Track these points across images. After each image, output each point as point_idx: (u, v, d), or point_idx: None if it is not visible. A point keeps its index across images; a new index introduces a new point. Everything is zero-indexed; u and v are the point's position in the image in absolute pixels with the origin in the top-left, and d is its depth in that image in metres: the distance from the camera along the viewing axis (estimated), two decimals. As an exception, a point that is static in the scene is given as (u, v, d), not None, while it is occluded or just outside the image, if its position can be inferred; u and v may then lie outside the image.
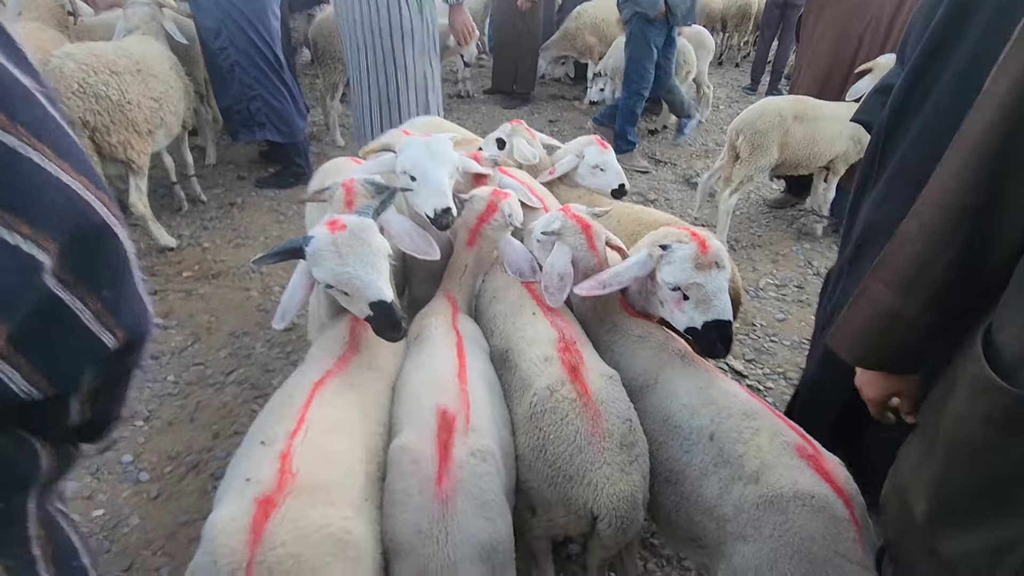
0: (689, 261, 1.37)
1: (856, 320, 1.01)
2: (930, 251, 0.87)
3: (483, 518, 1.08)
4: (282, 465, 1.04)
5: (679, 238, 1.43)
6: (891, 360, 0.99)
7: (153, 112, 3.02)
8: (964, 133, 0.83)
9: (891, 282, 0.93)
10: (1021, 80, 0.75)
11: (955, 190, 0.83)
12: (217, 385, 2.51)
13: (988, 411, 0.79)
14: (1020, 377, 0.76)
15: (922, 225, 0.89)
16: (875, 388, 1.04)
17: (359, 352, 1.39)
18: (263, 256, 1.37)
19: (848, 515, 1.06)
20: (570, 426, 1.21)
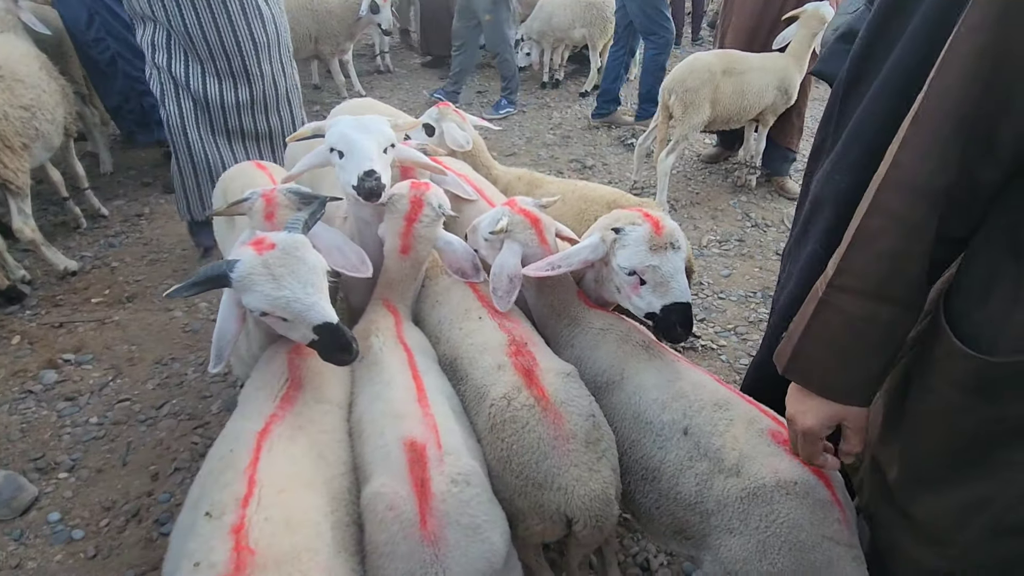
0: (644, 244, 1.32)
1: (818, 339, 0.88)
2: (905, 244, 0.79)
3: (478, 542, 1.03)
4: (236, 542, 0.91)
5: (632, 220, 1.37)
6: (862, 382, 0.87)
7: (25, 123, 2.63)
8: (928, 106, 0.76)
9: (859, 289, 0.82)
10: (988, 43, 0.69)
11: (926, 170, 0.76)
12: (148, 421, 2.29)
13: (955, 377, 0.79)
14: (983, 343, 0.76)
15: (892, 216, 0.79)
16: (816, 416, 0.90)
17: (302, 387, 1.26)
18: (178, 288, 1.19)
19: (830, 496, 1.05)
20: (532, 433, 1.16)
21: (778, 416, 1.18)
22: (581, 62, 5.85)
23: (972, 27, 0.71)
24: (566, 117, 5.27)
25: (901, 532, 0.90)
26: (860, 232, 0.83)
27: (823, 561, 1.02)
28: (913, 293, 0.81)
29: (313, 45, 4.73)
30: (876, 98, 1.18)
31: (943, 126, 0.74)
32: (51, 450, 2.17)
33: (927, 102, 0.76)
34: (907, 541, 0.89)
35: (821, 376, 0.89)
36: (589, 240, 1.41)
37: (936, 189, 0.75)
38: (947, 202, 0.76)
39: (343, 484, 1.15)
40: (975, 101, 0.71)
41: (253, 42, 2.50)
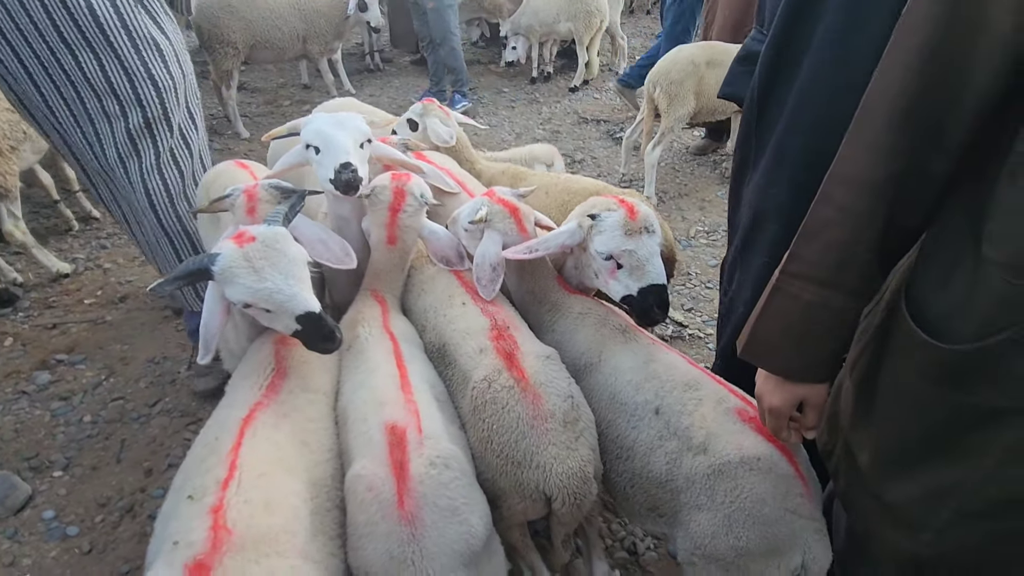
0: (619, 228, 1.36)
1: (772, 323, 0.91)
2: (853, 234, 0.80)
3: (456, 524, 1.05)
4: (214, 521, 0.94)
5: (607, 206, 1.41)
6: (818, 363, 0.91)
7: (12, 125, 2.65)
8: (873, 100, 0.77)
9: (810, 276, 0.85)
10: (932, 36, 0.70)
11: (871, 163, 0.77)
12: (142, 419, 2.32)
13: (919, 365, 0.80)
14: (944, 331, 0.76)
15: (839, 208, 0.81)
16: (780, 396, 0.95)
17: (287, 376, 1.29)
18: (161, 282, 1.22)
19: (793, 471, 1.09)
20: (511, 413, 1.20)
21: (746, 395, 1.22)
22: (571, 57, 5.86)
23: (914, 21, 0.72)
24: (555, 112, 5.29)
25: (875, 517, 0.92)
26: (810, 222, 0.85)
27: (787, 534, 1.06)
28: (863, 281, 0.83)
29: (302, 45, 4.75)
30: (797, 110, 1.21)
31: (888, 119, 0.75)
32: (45, 449, 2.20)
33: (871, 97, 0.77)
34: (881, 526, 0.91)
35: (777, 358, 0.93)
36: (567, 226, 1.44)
37: (882, 180, 0.77)
38: (895, 193, 0.77)
39: (326, 471, 1.18)
40: (919, 94, 0.72)
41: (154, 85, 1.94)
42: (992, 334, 0.71)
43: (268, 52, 4.61)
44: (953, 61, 0.69)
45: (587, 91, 5.74)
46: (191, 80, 2.15)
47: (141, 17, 1.89)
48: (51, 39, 1.77)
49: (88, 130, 1.93)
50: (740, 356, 0.97)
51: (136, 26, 1.87)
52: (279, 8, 4.48)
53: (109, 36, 1.82)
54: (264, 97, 5.61)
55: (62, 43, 1.78)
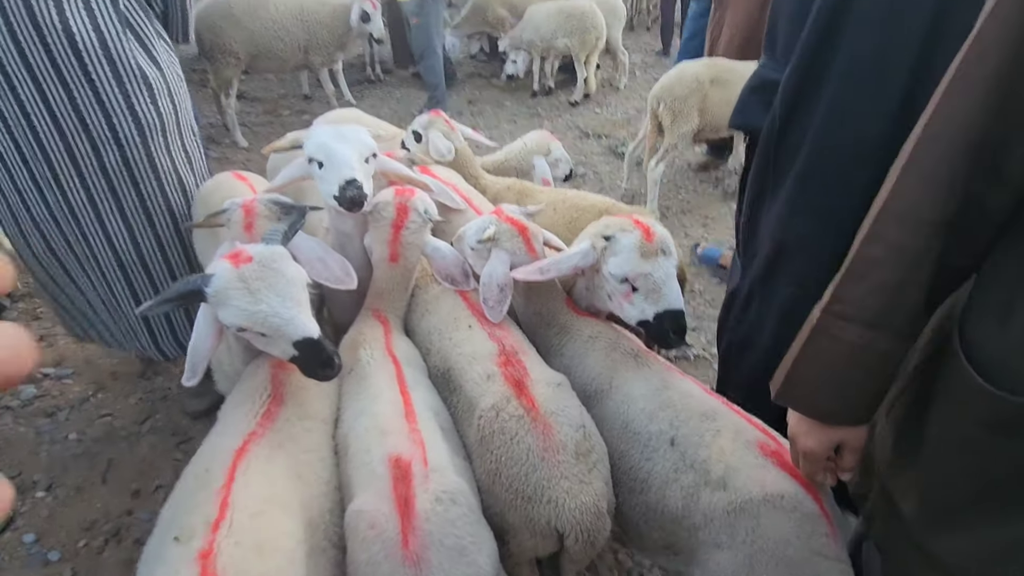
0: (635, 251, 1.31)
1: (813, 365, 0.88)
2: (902, 275, 0.77)
3: (463, 565, 0.99)
4: (203, 569, 0.88)
5: (622, 227, 1.35)
6: (862, 406, 0.87)
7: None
8: (933, 130, 0.74)
9: (856, 318, 0.81)
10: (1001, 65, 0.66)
11: (929, 198, 0.74)
12: (131, 437, 2.24)
13: (974, 411, 0.76)
14: (1003, 376, 0.72)
15: (891, 247, 0.78)
16: (817, 439, 0.91)
17: (284, 403, 1.22)
18: (151, 304, 1.16)
19: (819, 510, 1.03)
20: (520, 445, 1.14)
21: (767, 428, 1.16)
22: (572, 72, 5.87)
23: (983, 51, 0.69)
24: (557, 126, 5.28)
25: (919, 567, 0.86)
26: (858, 261, 0.82)
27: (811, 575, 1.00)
28: (910, 322, 0.80)
29: (303, 55, 4.73)
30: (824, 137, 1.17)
31: (948, 153, 0.72)
32: (28, 468, 2.12)
33: (931, 128, 0.74)
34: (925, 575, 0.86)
35: (815, 401, 0.89)
36: (580, 247, 1.39)
37: (939, 218, 0.73)
38: (950, 231, 0.74)
39: (323, 505, 1.11)
40: (985, 127, 0.69)
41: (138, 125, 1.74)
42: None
43: (269, 62, 4.58)
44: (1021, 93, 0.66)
45: (588, 106, 5.74)
46: (186, 114, 1.94)
47: (129, 45, 1.67)
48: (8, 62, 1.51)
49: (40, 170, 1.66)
50: (775, 399, 0.92)
51: (121, 55, 1.64)
52: (282, 18, 4.46)
53: (87, 64, 1.58)
54: (264, 106, 5.58)
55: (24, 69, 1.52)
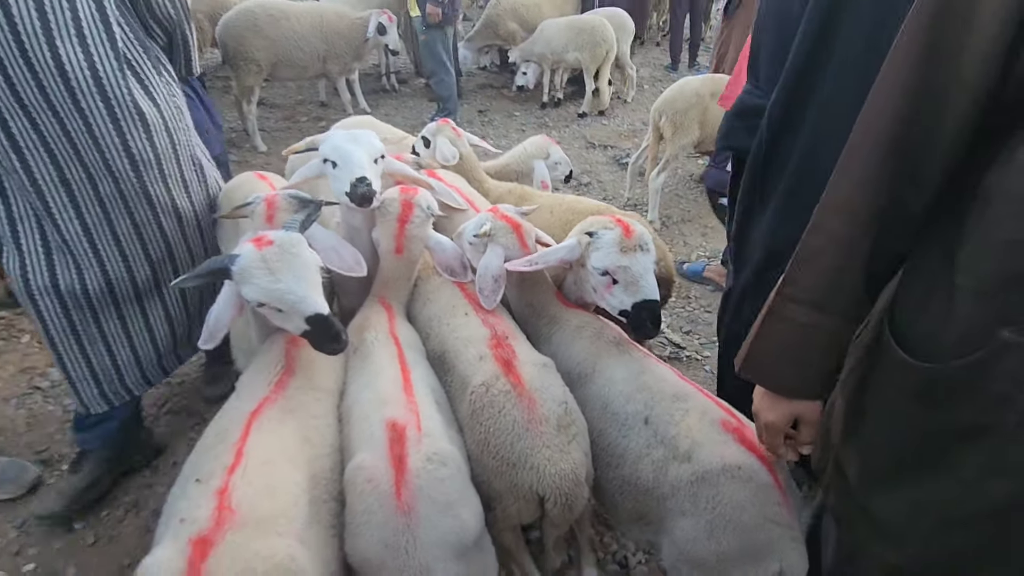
0: (615, 246, 1.44)
1: (769, 342, 0.97)
2: (842, 262, 0.86)
3: (449, 517, 1.10)
4: (219, 502, 1.01)
5: (604, 225, 1.49)
6: (811, 380, 0.95)
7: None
8: (859, 135, 0.83)
9: (804, 300, 0.90)
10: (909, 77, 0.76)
11: (859, 194, 0.83)
12: (150, 417, 2.38)
13: (901, 384, 0.85)
14: (924, 352, 0.81)
15: (831, 237, 0.87)
16: (776, 412, 0.99)
17: (295, 374, 1.36)
18: (184, 278, 1.30)
19: (772, 481, 1.14)
20: (507, 417, 1.26)
21: (731, 408, 1.28)
22: (581, 84, 6.04)
23: (895, 65, 0.79)
24: (564, 136, 5.43)
25: (863, 530, 0.96)
26: (803, 249, 0.91)
27: (764, 541, 1.11)
28: (853, 305, 0.89)
29: (322, 64, 4.92)
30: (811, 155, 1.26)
31: (871, 157, 0.81)
32: (55, 443, 2.26)
33: (857, 135, 0.83)
34: (869, 539, 0.94)
35: (772, 376, 0.98)
36: (566, 242, 1.53)
37: (869, 213, 0.83)
38: (880, 224, 0.83)
39: (325, 464, 1.24)
40: (898, 136, 0.78)
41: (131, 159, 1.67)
42: (966, 354, 0.76)
43: (289, 70, 4.78)
44: (928, 106, 0.76)
45: (595, 117, 5.90)
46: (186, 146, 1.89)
47: (126, 82, 1.62)
48: None
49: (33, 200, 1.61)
50: (738, 373, 1.02)
51: (117, 93, 1.60)
52: (302, 29, 4.67)
53: (79, 101, 1.54)
54: (282, 113, 5.79)
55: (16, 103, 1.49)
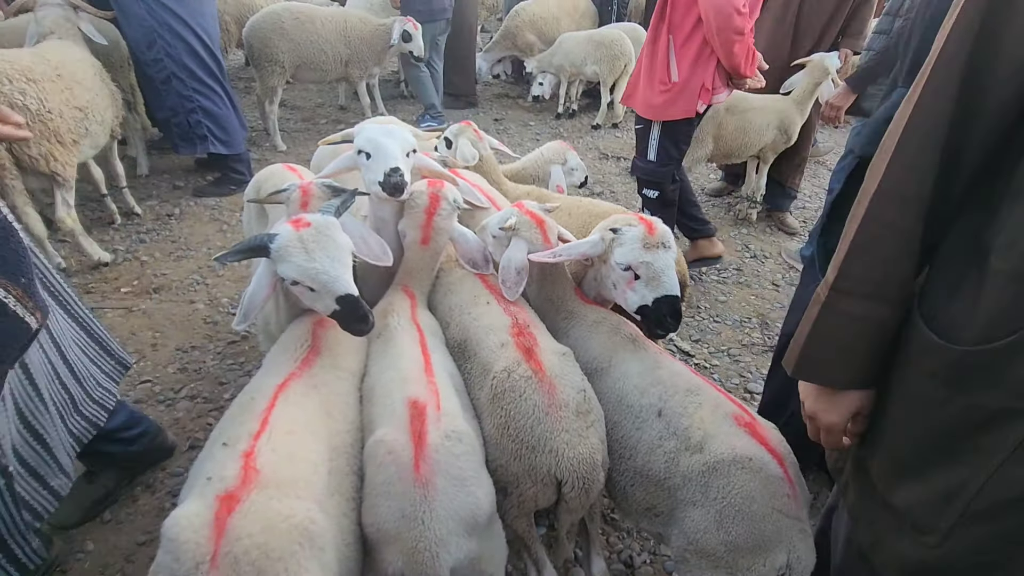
0: (638, 242, 1.48)
1: (825, 340, 0.95)
2: (897, 250, 0.87)
3: (463, 493, 1.14)
4: (245, 463, 1.05)
5: (628, 222, 1.53)
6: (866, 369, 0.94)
7: (77, 121, 2.87)
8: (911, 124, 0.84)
9: (859, 292, 0.91)
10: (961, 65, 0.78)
11: (911, 185, 0.84)
12: (168, 402, 2.44)
13: (930, 368, 0.86)
14: (956, 335, 0.82)
15: (886, 225, 0.87)
16: (837, 411, 0.97)
17: (321, 353, 1.40)
18: (226, 253, 1.36)
19: (782, 473, 1.17)
20: (528, 401, 1.29)
21: (741, 403, 1.31)
22: (596, 96, 6.12)
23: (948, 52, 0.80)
24: (577, 147, 5.50)
25: (883, 524, 0.94)
26: (858, 239, 0.90)
27: (773, 531, 1.13)
28: (904, 293, 0.90)
29: (343, 68, 5.03)
30: None
31: (924, 142, 0.82)
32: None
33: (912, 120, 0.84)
34: (889, 533, 0.93)
35: (830, 373, 0.97)
36: (590, 237, 1.57)
37: (922, 198, 0.84)
38: (930, 208, 0.84)
39: (346, 440, 1.28)
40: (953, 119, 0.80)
41: None
42: (999, 338, 0.76)
43: (312, 73, 4.88)
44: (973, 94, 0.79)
45: (609, 129, 5.97)
46: None
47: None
48: None
49: None
50: (793, 375, 1.00)
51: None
52: (326, 33, 4.78)
53: None
54: (302, 114, 5.90)
55: None
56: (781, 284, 3.54)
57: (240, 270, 3.21)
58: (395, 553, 1.09)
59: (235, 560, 0.91)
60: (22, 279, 0.61)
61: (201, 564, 0.91)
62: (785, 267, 3.73)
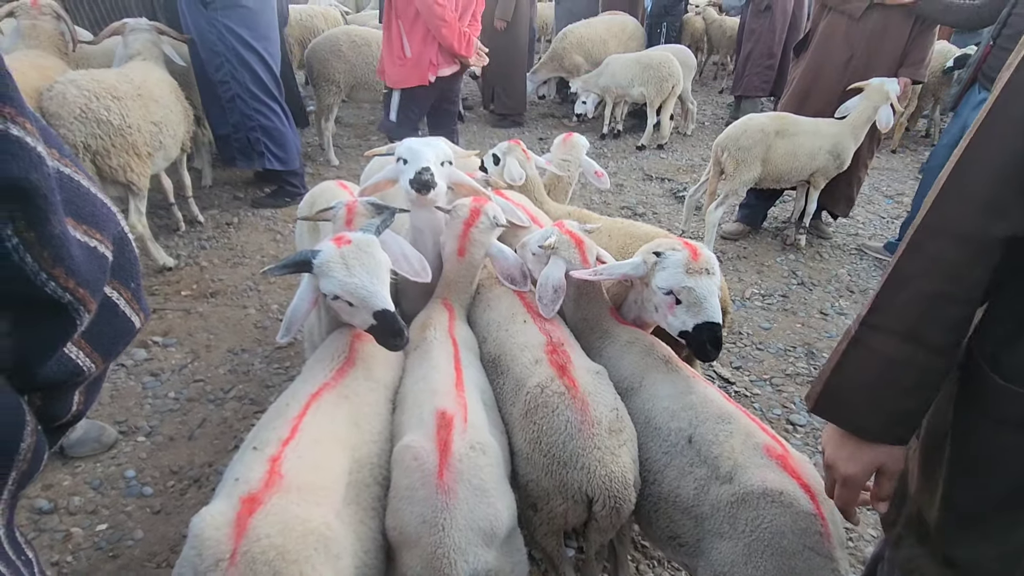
0: (681, 267, 1.46)
1: (850, 377, 0.87)
2: (942, 288, 0.78)
3: (484, 504, 1.16)
4: (271, 467, 1.10)
5: (672, 246, 1.52)
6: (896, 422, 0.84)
7: (153, 136, 3.11)
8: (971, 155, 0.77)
9: (893, 329, 0.82)
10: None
11: (965, 217, 0.76)
12: (217, 401, 2.57)
13: (1000, 415, 0.79)
14: (1020, 378, 0.76)
15: (932, 259, 0.79)
16: (857, 462, 0.88)
17: (355, 365, 1.46)
18: (273, 267, 1.44)
19: (815, 510, 1.13)
20: (561, 417, 1.30)
21: (774, 434, 1.28)
22: (641, 117, 6.12)
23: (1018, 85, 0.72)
24: (621, 167, 5.50)
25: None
26: (897, 271, 0.82)
27: (804, 569, 1.09)
28: (950, 337, 0.80)
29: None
30: None
31: (986, 174, 0.75)
32: (133, 416, 2.47)
33: (972, 150, 0.77)
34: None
35: (851, 415, 0.88)
36: (632, 260, 1.57)
37: (977, 235, 0.76)
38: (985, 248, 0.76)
39: (372, 450, 1.32)
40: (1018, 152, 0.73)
41: None
42: None
43: (366, 92, 5.10)
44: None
45: (654, 150, 5.95)
46: None
47: None
48: None
49: None
50: (812, 411, 0.92)
51: None
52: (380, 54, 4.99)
53: None
54: (355, 131, 6.16)
55: None
56: (830, 313, 3.42)
57: (289, 279, 3.36)
58: (415, 558, 1.12)
59: (252, 560, 0.95)
60: (132, 284, 0.69)
61: (221, 561, 0.95)
62: (835, 296, 3.60)
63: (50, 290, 0.54)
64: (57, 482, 2.14)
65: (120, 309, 0.66)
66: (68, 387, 0.64)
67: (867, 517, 2.12)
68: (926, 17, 3.41)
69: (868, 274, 3.85)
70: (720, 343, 1.45)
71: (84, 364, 0.62)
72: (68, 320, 0.57)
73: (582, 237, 1.67)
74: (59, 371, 0.60)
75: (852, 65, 3.62)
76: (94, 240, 0.60)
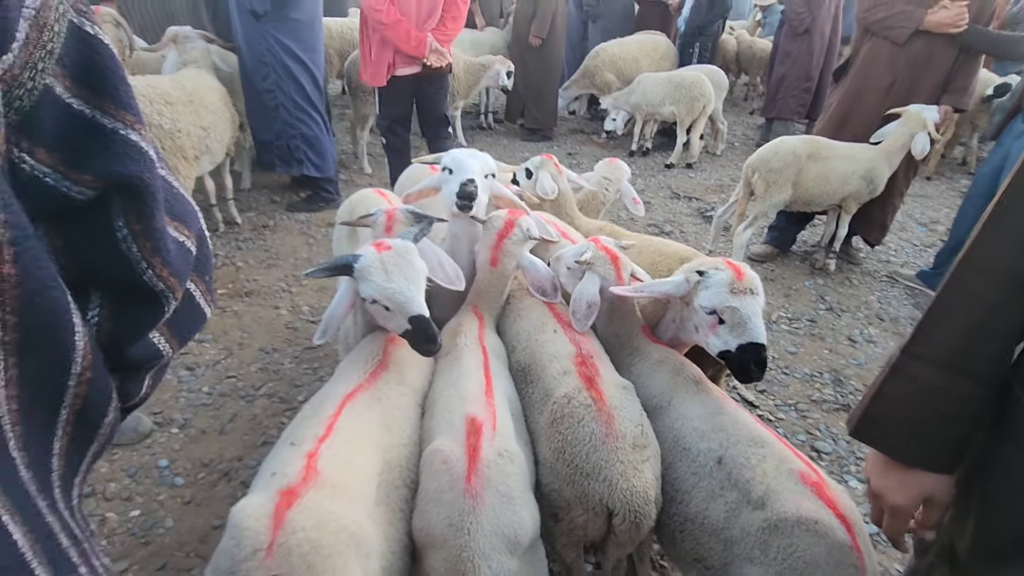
0: (725, 286, 1.45)
1: (890, 403, 0.89)
2: (984, 320, 0.80)
3: (509, 511, 1.17)
4: (308, 463, 1.13)
5: (715, 265, 1.52)
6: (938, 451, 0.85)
7: (200, 140, 3.24)
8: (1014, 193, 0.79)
9: (933, 358, 0.84)
10: None
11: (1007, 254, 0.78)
12: (248, 398, 2.64)
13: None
14: None
15: (971, 292, 0.81)
16: (906, 492, 0.88)
17: (388, 369, 1.50)
18: (315, 270, 1.49)
19: (851, 541, 1.11)
20: (586, 428, 1.31)
21: (809, 460, 1.27)
22: (670, 136, 6.13)
23: None
24: (649, 185, 5.51)
25: None
26: (940, 303, 0.85)
27: (836, 600, 1.09)
28: (989, 368, 0.81)
29: (430, 100, 5.35)
30: None
31: None
32: (168, 408, 2.55)
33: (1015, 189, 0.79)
34: None
35: (892, 441, 0.90)
36: (674, 278, 1.57)
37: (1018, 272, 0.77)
38: None
39: (401, 453, 1.35)
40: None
41: None
42: None
43: (401, 103, 5.23)
44: None
45: (682, 169, 5.94)
46: None
47: None
48: None
49: None
50: (852, 435, 0.94)
51: None
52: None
53: None
54: (388, 140, 6.29)
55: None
56: (858, 340, 3.37)
57: (321, 281, 3.44)
58: (439, 560, 1.14)
59: (288, 552, 0.98)
60: (207, 277, 0.74)
61: (258, 551, 0.98)
62: (864, 323, 3.54)
63: (147, 278, 0.59)
64: (95, 468, 2.21)
65: (196, 300, 0.71)
66: (146, 370, 0.69)
67: (892, 552, 2.08)
68: (972, 47, 3.38)
69: (899, 302, 3.78)
70: (765, 364, 1.43)
71: (164, 348, 0.66)
72: (159, 307, 0.62)
73: (618, 253, 1.69)
74: (143, 353, 0.65)
75: (894, 91, 3.58)
76: (183, 235, 0.65)
